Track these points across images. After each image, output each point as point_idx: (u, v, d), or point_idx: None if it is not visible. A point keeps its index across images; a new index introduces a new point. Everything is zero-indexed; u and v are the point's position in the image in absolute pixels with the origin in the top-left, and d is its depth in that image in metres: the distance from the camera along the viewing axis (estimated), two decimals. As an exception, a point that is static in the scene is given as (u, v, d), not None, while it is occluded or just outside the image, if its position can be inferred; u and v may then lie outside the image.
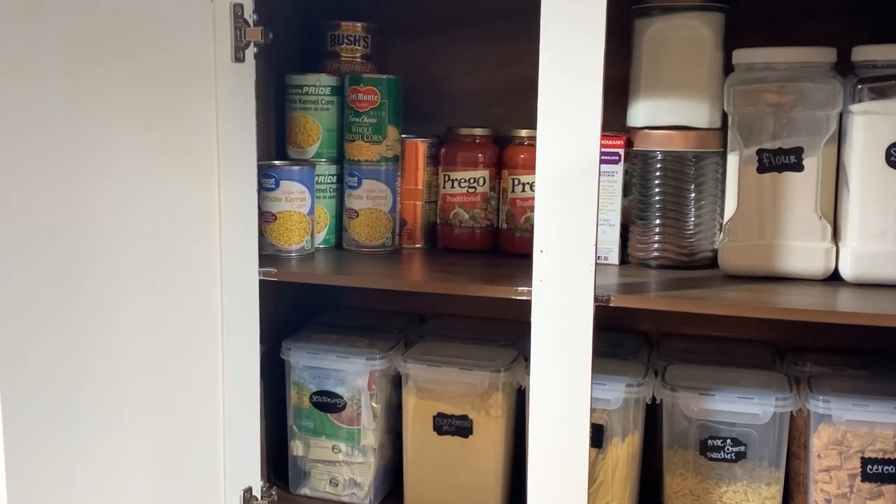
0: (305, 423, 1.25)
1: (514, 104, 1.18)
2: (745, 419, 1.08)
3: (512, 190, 1.24)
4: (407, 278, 1.19)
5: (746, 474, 1.09)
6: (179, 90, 0.96)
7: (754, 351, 1.24)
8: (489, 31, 1.33)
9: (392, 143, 1.25)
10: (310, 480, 1.26)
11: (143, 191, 0.92)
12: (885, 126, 1.02)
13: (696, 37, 1.11)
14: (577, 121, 0.90)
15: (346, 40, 1.32)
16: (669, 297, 1.02)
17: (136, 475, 0.94)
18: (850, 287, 1.05)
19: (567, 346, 0.94)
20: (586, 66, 0.89)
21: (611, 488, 1.13)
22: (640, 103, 1.14)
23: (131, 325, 0.91)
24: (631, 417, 1.12)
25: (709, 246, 1.14)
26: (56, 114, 0.80)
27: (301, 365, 1.24)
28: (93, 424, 0.86)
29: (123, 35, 0.88)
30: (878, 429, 1.03)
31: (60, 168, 0.81)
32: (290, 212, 1.19)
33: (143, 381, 0.94)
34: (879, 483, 1.03)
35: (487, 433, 1.17)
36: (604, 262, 1.16)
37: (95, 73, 0.84)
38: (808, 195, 1.06)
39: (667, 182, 1.13)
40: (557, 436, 0.95)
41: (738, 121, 1.09)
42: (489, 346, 1.24)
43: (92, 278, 0.85)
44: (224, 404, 1.06)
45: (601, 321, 0.94)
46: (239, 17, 1.02)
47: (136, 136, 0.90)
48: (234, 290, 1.06)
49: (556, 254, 0.93)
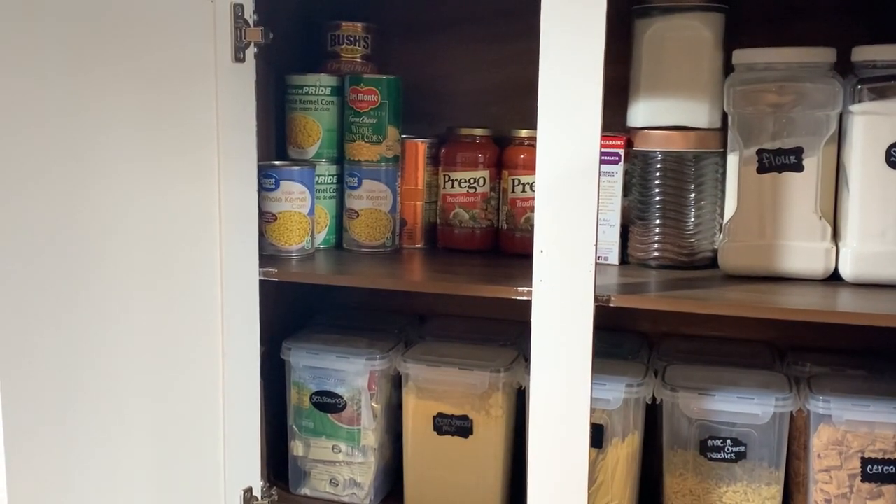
0: (305, 423, 1.25)
1: (514, 104, 1.19)
2: (745, 419, 1.08)
3: (512, 190, 1.24)
4: (407, 278, 1.19)
5: (746, 474, 1.09)
6: (180, 90, 0.96)
7: (754, 351, 1.24)
8: (489, 31, 1.33)
9: (392, 143, 1.25)
10: (310, 480, 1.26)
11: (144, 191, 0.92)
12: (884, 126, 1.02)
13: (697, 37, 1.11)
14: (577, 121, 0.90)
15: (347, 40, 1.32)
16: (669, 297, 1.02)
17: (136, 475, 0.94)
18: (850, 287, 1.05)
19: (567, 346, 0.94)
20: (586, 67, 0.89)
21: (611, 488, 1.13)
22: (641, 103, 1.14)
23: (131, 326, 0.91)
24: (631, 417, 1.12)
25: (709, 246, 1.14)
26: (56, 114, 0.80)
27: (301, 365, 1.24)
28: (93, 425, 0.86)
29: (124, 35, 0.88)
30: (877, 429, 1.02)
31: (60, 168, 0.81)
32: (291, 212, 1.19)
33: (143, 381, 0.94)
34: (879, 483, 1.03)
35: (487, 433, 1.17)
36: (604, 262, 1.16)
37: (96, 74, 0.84)
38: (808, 195, 1.06)
39: (667, 182, 1.13)
40: (557, 436, 0.96)
41: (738, 121, 1.09)
42: (489, 346, 1.24)
43: (92, 278, 0.85)
44: (224, 404, 1.06)
45: (601, 321, 0.94)
46: (239, 17, 1.02)
47: (136, 136, 0.90)
48: (235, 290, 1.06)
49: (556, 254, 0.93)
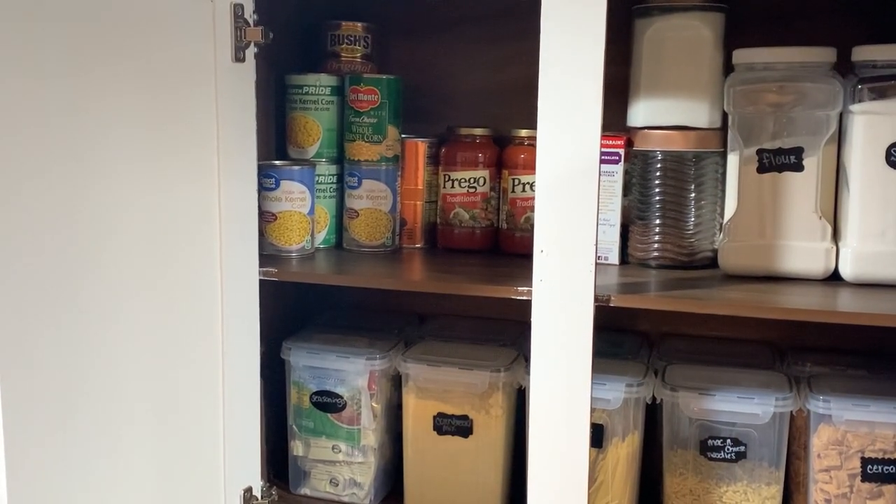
0: (305, 422, 1.25)
1: (515, 104, 1.18)
2: (745, 419, 1.08)
3: (512, 190, 1.24)
4: (407, 278, 1.19)
5: (746, 474, 1.09)
6: (179, 90, 0.96)
7: (754, 351, 1.24)
8: (489, 31, 1.33)
9: (392, 143, 1.25)
10: (310, 480, 1.26)
11: (143, 190, 0.92)
12: (885, 126, 1.02)
13: (697, 37, 1.11)
14: (577, 121, 0.90)
15: (347, 40, 1.32)
16: (669, 296, 1.02)
17: (135, 475, 0.94)
18: (850, 287, 1.05)
19: (567, 345, 0.94)
20: (586, 66, 0.89)
21: (611, 488, 1.13)
22: (640, 103, 1.14)
23: (131, 326, 0.91)
24: (631, 417, 1.12)
25: (709, 246, 1.14)
26: (56, 114, 0.80)
27: (301, 365, 1.23)
28: (93, 425, 0.86)
29: (123, 35, 0.88)
30: (878, 429, 1.02)
31: (60, 168, 0.81)
32: (291, 212, 1.19)
33: (143, 381, 0.93)
34: (879, 483, 1.03)
35: (487, 433, 1.17)
36: (604, 262, 1.16)
37: (95, 74, 0.84)
38: (808, 195, 1.06)
39: (667, 182, 1.13)
40: (557, 436, 0.96)
41: (738, 121, 1.09)
42: (489, 345, 1.24)
43: (92, 278, 0.85)
44: (224, 404, 1.06)
45: (601, 321, 0.94)
46: (239, 17, 1.02)
47: (136, 136, 0.90)
48: (235, 290, 1.06)
49: (556, 254, 0.93)
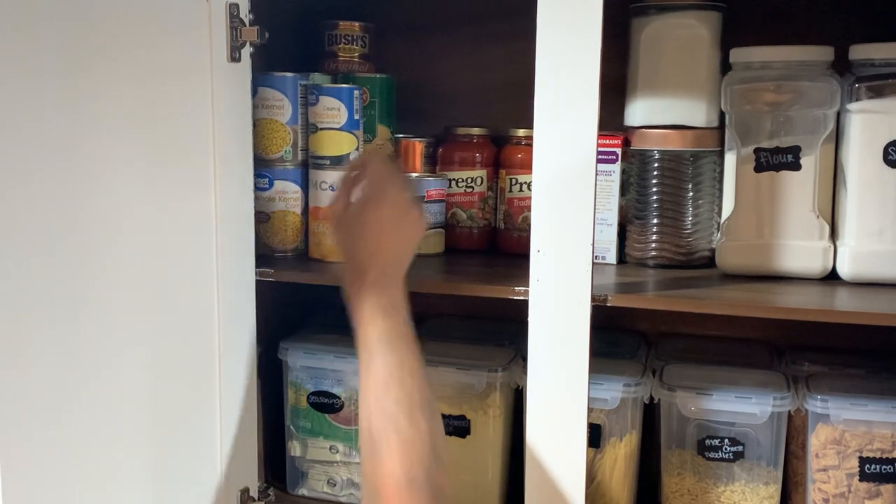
0: (303, 423, 1.24)
1: (512, 104, 1.18)
2: (743, 419, 1.08)
3: (509, 189, 1.24)
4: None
5: (744, 474, 1.09)
6: (175, 90, 0.96)
7: (752, 350, 1.24)
8: (487, 31, 1.33)
9: (382, 141, 1.25)
10: (307, 481, 1.26)
11: (139, 191, 0.91)
12: (882, 125, 1.02)
13: (694, 36, 1.11)
14: (573, 120, 0.90)
15: (344, 40, 1.32)
16: (667, 296, 1.01)
17: (133, 476, 0.93)
18: (848, 286, 1.05)
19: (565, 345, 0.93)
20: (583, 66, 0.89)
21: (608, 488, 1.13)
22: (638, 102, 1.14)
23: (128, 326, 0.91)
24: (628, 417, 1.12)
25: (706, 245, 1.14)
26: (51, 114, 0.79)
27: (298, 365, 1.23)
28: (89, 425, 0.86)
29: (118, 35, 0.87)
30: (875, 428, 1.02)
31: (54, 168, 0.80)
32: (285, 211, 1.18)
33: (140, 382, 0.93)
34: (877, 482, 1.03)
35: (485, 433, 1.17)
36: (601, 261, 1.16)
37: (90, 74, 0.84)
38: (806, 194, 1.06)
39: (664, 181, 1.13)
40: (555, 435, 0.95)
41: (736, 120, 1.09)
42: (486, 345, 1.24)
43: (88, 279, 0.85)
44: (221, 405, 1.06)
45: (598, 321, 0.94)
46: (234, 16, 1.02)
47: (131, 137, 0.90)
48: (231, 291, 1.06)
49: (553, 253, 0.93)
